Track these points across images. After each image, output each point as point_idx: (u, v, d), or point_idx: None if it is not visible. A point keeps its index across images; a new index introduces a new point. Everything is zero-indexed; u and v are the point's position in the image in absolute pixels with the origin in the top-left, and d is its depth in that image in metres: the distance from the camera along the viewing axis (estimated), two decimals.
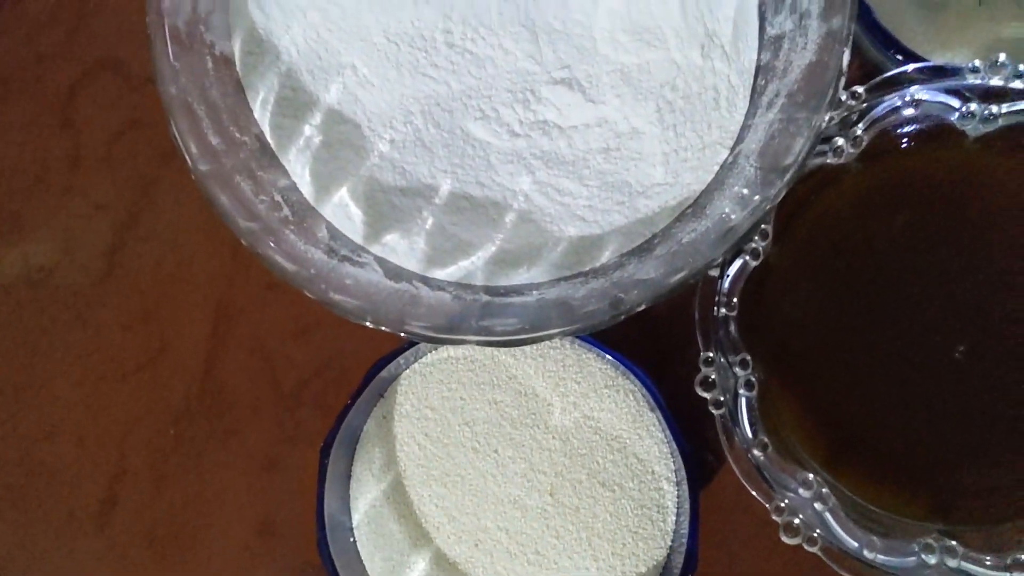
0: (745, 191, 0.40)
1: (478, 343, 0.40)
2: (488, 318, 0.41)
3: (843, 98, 0.42)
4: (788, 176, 0.38)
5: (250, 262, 0.53)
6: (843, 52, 0.39)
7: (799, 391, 0.45)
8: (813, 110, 0.39)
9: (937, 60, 0.44)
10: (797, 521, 0.40)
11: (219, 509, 0.56)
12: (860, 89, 0.42)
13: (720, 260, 0.40)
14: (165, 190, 0.57)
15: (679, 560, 0.46)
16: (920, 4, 0.50)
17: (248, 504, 0.56)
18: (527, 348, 0.50)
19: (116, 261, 0.57)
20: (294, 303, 0.53)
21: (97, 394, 0.57)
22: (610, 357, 0.47)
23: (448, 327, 0.40)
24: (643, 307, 0.38)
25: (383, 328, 0.39)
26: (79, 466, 0.57)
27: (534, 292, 0.43)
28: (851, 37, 0.39)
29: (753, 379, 0.42)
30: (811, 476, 0.42)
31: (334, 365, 0.53)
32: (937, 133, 0.43)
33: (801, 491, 0.41)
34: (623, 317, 0.38)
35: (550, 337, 0.39)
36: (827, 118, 0.41)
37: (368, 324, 0.39)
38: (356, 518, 0.51)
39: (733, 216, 0.40)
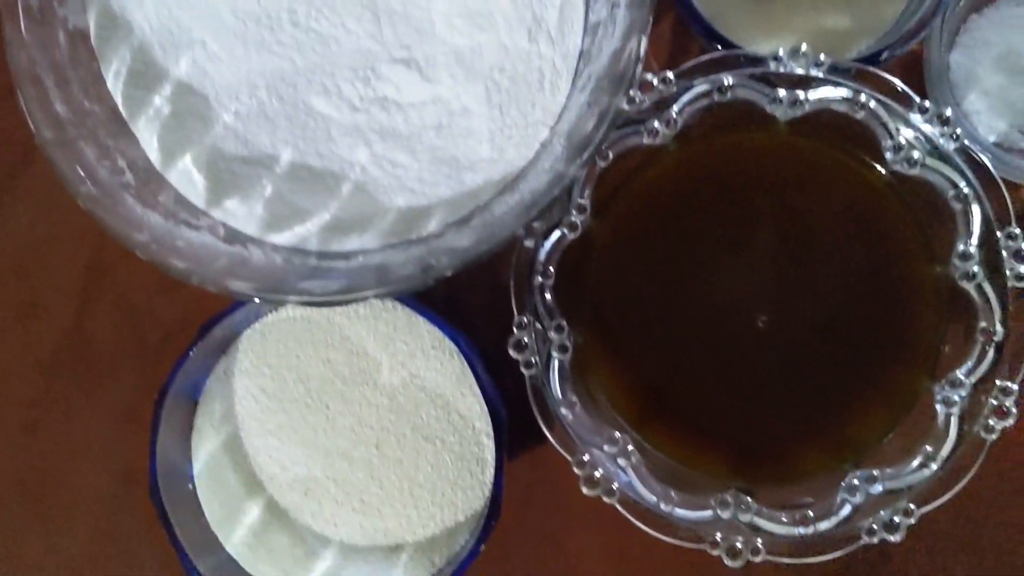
0: (551, 167, 0.43)
1: (299, 303, 0.43)
2: (310, 279, 0.43)
3: (655, 83, 0.44)
4: (586, 155, 0.41)
5: None
6: (641, 40, 0.41)
7: (613, 355, 0.46)
8: (613, 93, 0.41)
9: (749, 48, 0.46)
10: (598, 474, 0.42)
11: (86, 457, 0.57)
12: (670, 74, 0.43)
13: (522, 232, 0.43)
14: (41, 155, 0.55)
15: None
16: None
17: (113, 453, 0.56)
18: (360, 310, 0.52)
19: None
20: None
21: None
22: (434, 320, 0.50)
23: (270, 288, 0.42)
24: (451, 272, 0.40)
25: (207, 287, 0.41)
26: None
27: (360, 257, 0.45)
28: (650, 26, 0.41)
29: (568, 343, 0.44)
30: (617, 434, 0.43)
31: (197, 321, 0.52)
32: (749, 117, 0.45)
33: (606, 447, 0.43)
34: (432, 281, 0.41)
35: (365, 298, 0.42)
36: (636, 98, 0.43)
37: (193, 283, 0.41)
38: (196, 467, 0.52)
39: (535, 190, 0.42)
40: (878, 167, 0.45)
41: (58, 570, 0.57)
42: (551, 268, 0.45)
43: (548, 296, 0.45)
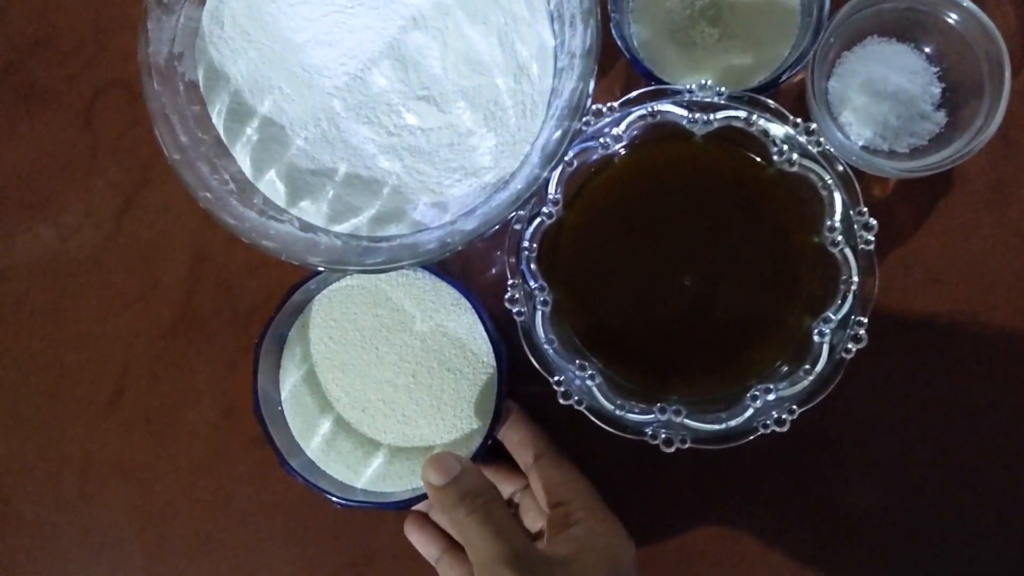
0: (531, 172, 0.49)
1: (356, 272, 0.49)
2: (364, 256, 0.49)
3: (604, 110, 0.50)
4: (552, 163, 0.47)
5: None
6: (589, 82, 0.47)
7: (581, 307, 0.52)
8: (571, 119, 0.47)
9: (674, 83, 0.51)
10: (571, 390, 0.49)
11: (196, 398, 0.62)
12: (616, 104, 0.50)
13: (512, 217, 0.48)
14: (158, 173, 0.63)
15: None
16: (676, 42, 0.57)
17: (217, 394, 0.62)
18: (398, 278, 0.56)
19: (123, 223, 0.63)
20: (249, 250, 0.50)
21: (108, 318, 0.63)
22: (453, 284, 0.54)
23: (337, 261, 0.48)
24: (462, 247, 0.46)
25: (294, 262, 0.47)
26: (96, 368, 0.62)
27: (398, 239, 0.50)
28: (595, 72, 0.47)
29: (548, 299, 0.50)
30: (585, 363, 0.49)
31: (277, 296, 0.56)
32: (674, 133, 0.51)
33: (577, 372, 0.49)
34: (449, 253, 0.46)
35: (402, 267, 0.48)
36: (591, 121, 0.49)
37: (283, 259, 0.47)
38: (284, 395, 0.57)
39: (519, 188, 0.48)
40: (768, 166, 0.50)
41: (176, 481, 0.62)
42: (534, 245, 0.50)
43: (532, 266, 0.50)
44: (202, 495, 0.62)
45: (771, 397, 0.49)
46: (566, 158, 0.49)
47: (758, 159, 0.51)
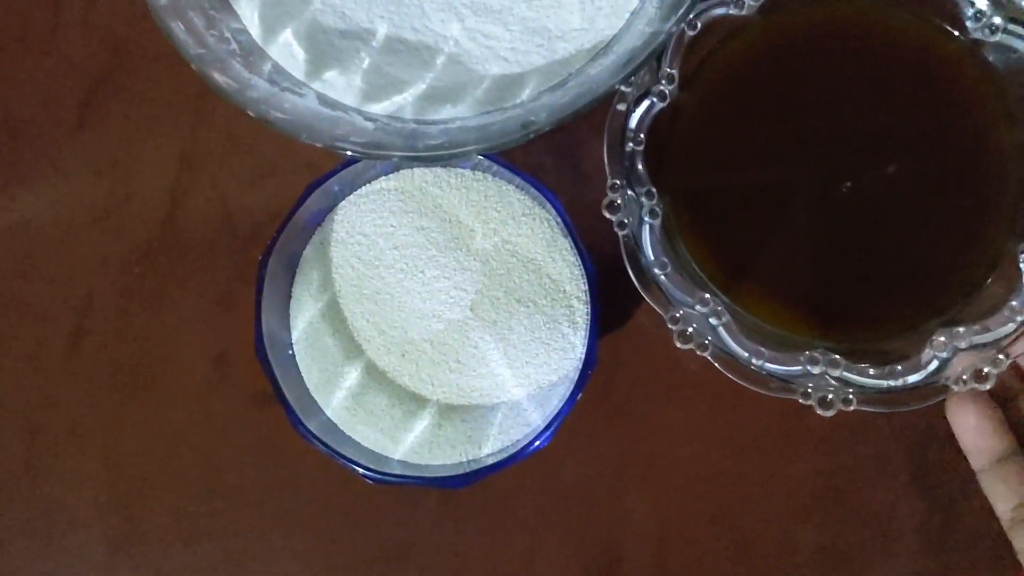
0: (646, 28, 0.43)
1: (401, 159, 0.43)
2: (413, 139, 0.43)
3: None
4: (681, 10, 0.40)
5: (212, 114, 0.55)
6: None
7: (701, 222, 0.47)
8: None
9: None
10: (690, 330, 0.43)
11: (179, 342, 0.58)
12: None
13: (618, 88, 0.43)
14: (135, 50, 0.58)
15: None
16: None
17: (206, 338, 0.58)
18: (452, 180, 0.51)
19: (87, 113, 0.58)
20: (252, 153, 0.54)
21: (68, 236, 0.58)
22: (529, 186, 0.49)
23: (375, 144, 0.42)
24: (550, 128, 0.40)
25: (317, 144, 0.41)
26: (51, 301, 0.58)
27: (458, 122, 0.45)
28: None
29: (658, 209, 0.44)
30: (707, 295, 0.44)
31: (285, 212, 0.51)
32: None
33: (698, 307, 0.43)
34: (532, 136, 0.40)
35: (466, 154, 0.42)
36: None
37: (303, 139, 0.41)
38: (295, 335, 0.52)
39: (632, 48, 0.42)
40: (959, 34, 0.45)
41: (154, 449, 0.58)
42: (641, 135, 0.45)
43: (639, 163, 0.45)
44: (185, 468, 0.58)
45: (963, 344, 0.42)
46: (691, 15, 0.43)
47: (946, 25, 0.46)
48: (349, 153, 0.42)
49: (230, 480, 0.57)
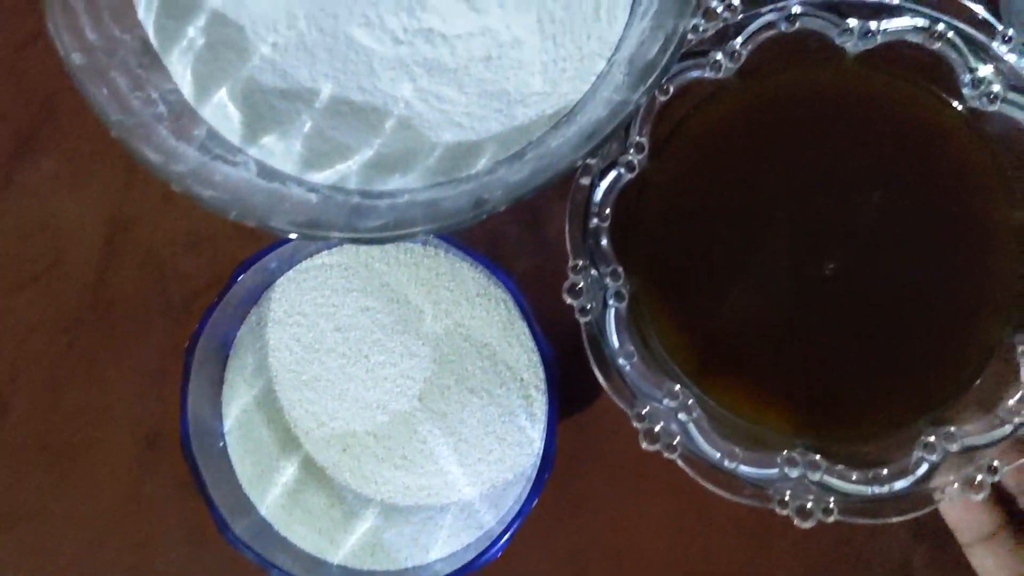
0: (612, 96, 0.41)
1: (341, 240, 0.42)
2: (356, 217, 0.42)
3: (719, 10, 0.43)
4: (651, 79, 0.39)
5: (146, 175, 0.55)
6: None
7: (671, 304, 0.46)
8: (678, 16, 0.39)
9: None
10: (658, 428, 0.41)
11: (110, 419, 0.57)
12: (735, 1, 0.43)
13: (581, 163, 0.41)
14: (66, 103, 0.58)
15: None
16: None
17: (138, 416, 0.56)
18: (401, 256, 0.51)
19: (15, 170, 0.58)
20: (188, 215, 0.54)
21: None
22: (482, 266, 0.48)
23: (313, 223, 0.41)
24: (504, 207, 0.39)
25: (248, 223, 0.39)
26: None
27: (406, 195, 0.44)
28: None
29: (623, 290, 0.43)
30: (677, 387, 0.42)
31: (225, 277, 0.51)
32: (817, 50, 0.44)
33: (666, 401, 0.42)
34: (485, 216, 0.39)
35: (414, 235, 0.40)
36: (700, 27, 0.43)
37: (232, 218, 0.39)
38: (228, 424, 0.51)
39: (596, 120, 0.41)
40: (954, 103, 0.44)
41: (81, 536, 0.56)
42: (607, 210, 0.44)
43: (604, 240, 0.44)
44: (113, 556, 0.56)
45: (954, 447, 0.41)
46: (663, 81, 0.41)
47: (940, 92, 0.44)
48: (284, 235, 0.41)
49: (159, 569, 0.56)
